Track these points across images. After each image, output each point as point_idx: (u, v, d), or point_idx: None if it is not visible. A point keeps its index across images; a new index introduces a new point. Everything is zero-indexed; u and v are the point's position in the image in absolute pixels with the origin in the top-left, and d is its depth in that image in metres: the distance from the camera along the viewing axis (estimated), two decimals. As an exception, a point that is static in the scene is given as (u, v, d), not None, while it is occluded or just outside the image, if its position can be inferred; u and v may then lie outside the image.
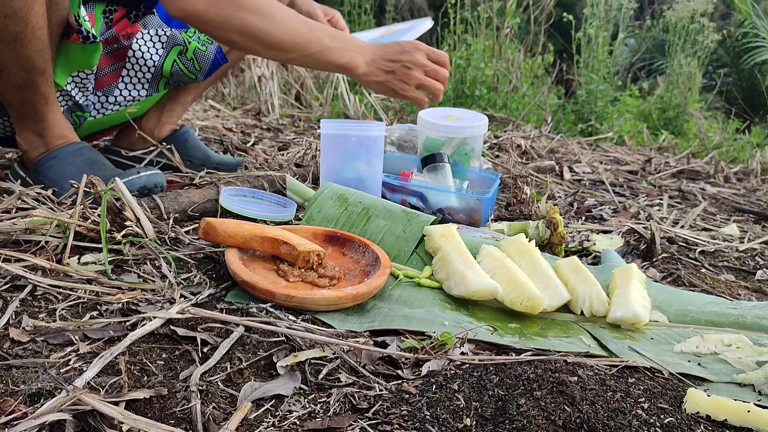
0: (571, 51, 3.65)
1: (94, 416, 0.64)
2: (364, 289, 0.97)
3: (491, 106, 3.38)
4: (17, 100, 1.23)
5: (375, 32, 1.71)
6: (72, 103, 1.35)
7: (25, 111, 1.24)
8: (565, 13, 3.73)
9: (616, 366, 0.86)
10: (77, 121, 1.41)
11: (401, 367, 0.83)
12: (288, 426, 0.69)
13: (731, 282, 1.32)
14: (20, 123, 1.27)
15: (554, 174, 2.11)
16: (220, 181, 1.38)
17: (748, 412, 0.74)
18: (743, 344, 0.97)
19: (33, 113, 1.24)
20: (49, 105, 1.25)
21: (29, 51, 1.15)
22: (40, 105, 1.24)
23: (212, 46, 1.48)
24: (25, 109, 1.24)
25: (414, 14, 6.65)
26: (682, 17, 3.83)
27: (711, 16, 3.97)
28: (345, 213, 1.21)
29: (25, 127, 1.27)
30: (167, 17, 1.44)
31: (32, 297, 0.89)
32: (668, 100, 3.76)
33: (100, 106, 1.41)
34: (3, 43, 1.12)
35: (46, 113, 1.25)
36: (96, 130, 1.49)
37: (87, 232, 1.04)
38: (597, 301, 1.04)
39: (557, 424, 0.69)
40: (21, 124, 1.27)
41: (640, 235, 1.51)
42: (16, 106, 1.24)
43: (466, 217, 1.40)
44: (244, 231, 1.02)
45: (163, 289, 0.94)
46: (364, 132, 1.38)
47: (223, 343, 0.81)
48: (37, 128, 1.26)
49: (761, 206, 2.07)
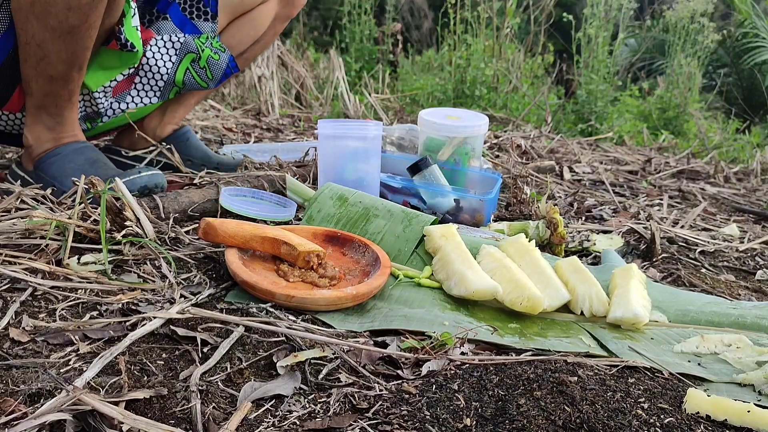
0: (571, 51, 3.65)
1: (94, 416, 0.64)
2: (364, 289, 0.97)
3: (491, 106, 3.38)
4: (42, 91, 1.23)
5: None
6: (91, 110, 1.36)
7: (45, 103, 1.25)
8: (565, 13, 3.73)
9: (616, 366, 0.86)
10: (89, 127, 1.42)
11: (401, 367, 0.83)
12: (288, 426, 0.69)
13: (731, 282, 1.32)
14: (34, 115, 1.27)
15: (554, 174, 2.11)
16: (220, 181, 1.38)
17: (748, 412, 0.74)
18: (743, 344, 0.97)
19: (53, 107, 1.25)
20: (71, 102, 1.27)
21: (78, 46, 1.16)
22: (63, 100, 1.25)
23: (225, 54, 1.48)
24: (47, 102, 1.24)
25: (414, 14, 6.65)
26: (682, 17, 3.83)
27: (711, 16, 3.97)
28: (345, 213, 1.21)
29: (38, 120, 1.27)
30: (181, 22, 1.44)
31: (32, 297, 0.88)
32: (668, 100, 3.77)
33: (112, 113, 1.42)
34: (57, 33, 1.13)
35: (65, 109, 1.26)
36: (99, 132, 1.50)
37: (87, 233, 1.04)
38: (597, 301, 1.04)
39: (557, 424, 0.69)
40: (35, 116, 1.27)
41: (640, 235, 1.51)
42: (39, 96, 1.24)
43: (469, 218, 1.40)
44: (244, 231, 1.02)
45: (163, 289, 0.94)
46: (361, 132, 1.38)
47: (223, 343, 0.81)
48: (51, 122, 1.27)
49: (761, 206, 2.07)
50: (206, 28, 1.47)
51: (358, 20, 3.88)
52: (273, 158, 1.69)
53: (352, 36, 3.92)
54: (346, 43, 3.99)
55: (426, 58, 4.60)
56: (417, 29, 6.93)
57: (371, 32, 3.92)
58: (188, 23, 1.45)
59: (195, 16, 1.45)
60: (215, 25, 1.48)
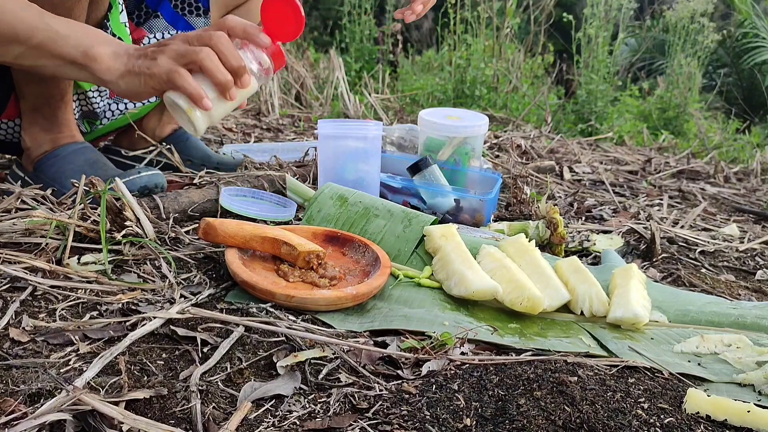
0: (571, 51, 3.65)
1: (94, 416, 0.64)
2: (364, 289, 0.97)
3: (491, 106, 3.38)
4: (34, 93, 1.23)
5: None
6: (87, 110, 1.36)
7: (38, 104, 1.25)
8: (565, 13, 3.73)
9: (616, 366, 0.86)
10: (88, 128, 1.41)
11: (401, 367, 0.83)
12: (288, 426, 0.69)
13: (731, 282, 1.32)
14: (30, 117, 1.27)
15: (554, 174, 2.11)
16: (220, 181, 1.38)
17: (748, 412, 0.74)
18: (743, 344, 0.97)
19: (46, 107, 1.25)
20: (63, 102, 1.26)
21: None
22: (56, 100, 1.25)
23: None
24: (39, 103, 1.24)
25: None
26: (682, 17, 3.83)
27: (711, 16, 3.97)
28: (345, 213, 1.21)
29: (34, 122, 1.27)
30: (173, 19, 1.44)
31: (32, 297, 0.88)
32: (668, 100, 3.77)
33: (111, 114, 1.42)
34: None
35: (58, 110, 1.26)
36: (100, 134, 1.50)
37: (87, 233, 1.04)
38: (597, 301, 1.04)
39: (557, 424, 0.69)
40: (30, 118, 1.27)
41: (640, 235, 1.51)
42: (31, 98, 1.24)
43: (469, 218, 1.40)
44: (244, 231, 1.02)
45: (163, 289, 0.94)
46: (361, 132, 1.38)
47: (223, 343, 0.81)
48: (46, 124, 1.27)
49: (761, 206, 2.07)
50: (199, 23, 1.47)
51: (358, 20, 3.88)
52: (273, 158, 1.69)
53: (352, 36, 3.92)
54: (346, 43, 3.99)
55: (426, 58, 4.60)
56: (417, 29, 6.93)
57: (371, 32, 3.92)
58: (181, 20, 1.45)
59: (187, 12, 1.45)
60: (208, 20, 1.48)
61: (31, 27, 0.96)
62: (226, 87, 0.95)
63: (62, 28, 0.97)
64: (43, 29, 0.96)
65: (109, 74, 0.96)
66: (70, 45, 0.96)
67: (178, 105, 0.94)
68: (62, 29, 0.97)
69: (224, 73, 0.94)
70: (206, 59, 0.93)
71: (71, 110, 1.30)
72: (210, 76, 0.94)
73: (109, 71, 0.95)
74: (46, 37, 0.96)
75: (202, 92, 0.93)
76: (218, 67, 0.93)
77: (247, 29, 0.98)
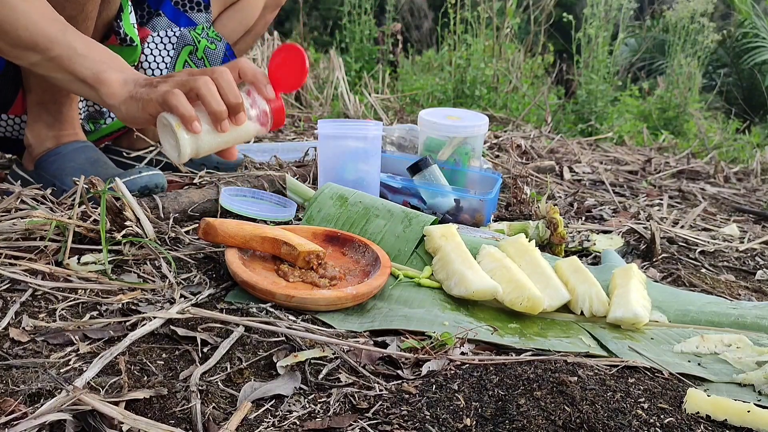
0: (571, 51, 3.65)
1: (94, 416, 0.64)
2: (364, 289, 0.97)
3: (491, 106, 3.38)
4: (41, 86, 1.23)
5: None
6: (93, 109, 1.36)
7: (44, 99, 1.25)
8: (565, 13, 3.73)
9: (616, 366, 0.86)
10: (92, 128, 1.42)
11: (401, 367, 0.83)
12: (288, 426, 0.69)
13: (731, 282, 1.32)
14: (35, 112, 1.27)
15: (554, 174, 2.11)
16: (220, 181, 1.38)
17: (748, 412, 0.74)
18: (743, 344, 0.97)
19: (51, 103, 1.25)
20: (69, 99, 1.27)
21: None
22: (62, 96, 1.25)
23: (221, 43, 1.49)
24: (46, 98, 1.25)
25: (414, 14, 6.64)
26: (682, 17, 3.83)
27: (711, 16, 3.97)
28: (345, 213, 1.21)
29: (38, 118, 1.27)
30: (175, 16, 1.44)
31: (32, 297, 0.89)
32: (668, 100, 3.77)
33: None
34: None
35: (63, 106, 1.27)
36: (103, 135, 1.50)
37: (87, 233, 1.04)
38: (597, 301, 1.04)
39: (557, 424, 0.69)
40: (35, 113, 1.27)
41: (640, 235, 1.51)
42: (38, 92, 1.24)
43: (469, 218, 1.40)
44: (244, 231, 1.02)
45: (163, 289, 0.94)
46: (361, 132, 1.38)
47: (223, 343, 0.81)
48: (50, 120, 1.27)
49: (761, 206, 2.07)
50: (201, 18, 1.47)
51: (358, 20, 3.88)
52: (273, 158, 1.69)
53: (352, 36, 3.92)
54: (346, 43, 3.99)
55: (426, 58, 4.60)
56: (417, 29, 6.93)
57: (371, 32, 3.91)
58: (182, 16, 1.45)
59: (188, 9, 1.46)
60: (209, 15, 1.48)
61: (51, 40, 0.99)
62: (219, 117, 0.94)
63: (81, 46, 1.00)
64: (62, 44, 0.99)
65: (113, 99, 0.98)
66: (85, 65, 0.99)
67: (168, 122, 0.93)
68: (81, 48, 1.00)
69: (219, 103, 0.94)
70: (203, 87, 0.93)
71: (76, 108, 1.30)
72: (204, 103, 0.94)
73: (114, 96, 0.98)
74: (64, 52, 0.99)
75: (194, 115, 0.93)
76: (214, 95, 0.93)
77: (257, 75, 0.99)
